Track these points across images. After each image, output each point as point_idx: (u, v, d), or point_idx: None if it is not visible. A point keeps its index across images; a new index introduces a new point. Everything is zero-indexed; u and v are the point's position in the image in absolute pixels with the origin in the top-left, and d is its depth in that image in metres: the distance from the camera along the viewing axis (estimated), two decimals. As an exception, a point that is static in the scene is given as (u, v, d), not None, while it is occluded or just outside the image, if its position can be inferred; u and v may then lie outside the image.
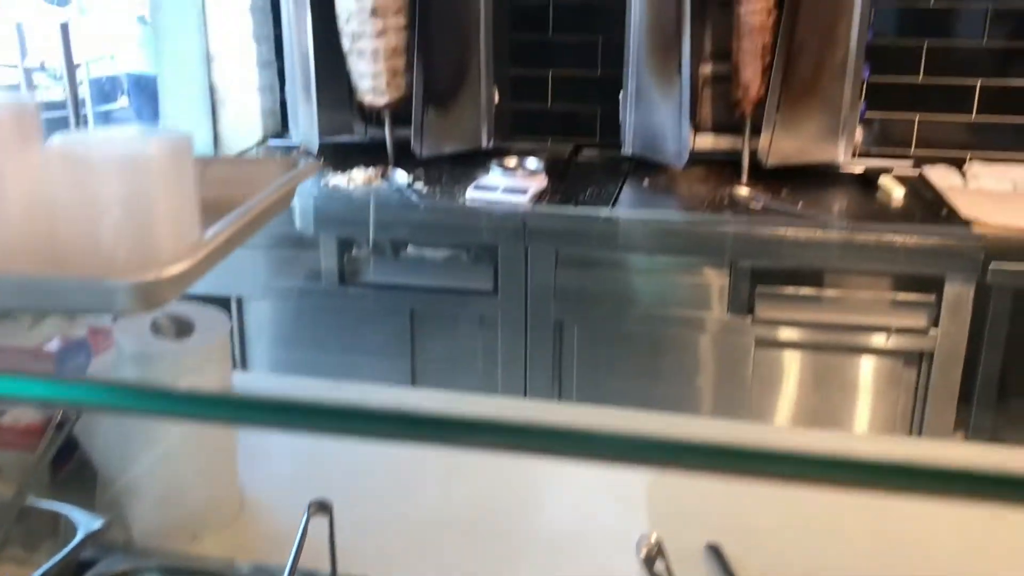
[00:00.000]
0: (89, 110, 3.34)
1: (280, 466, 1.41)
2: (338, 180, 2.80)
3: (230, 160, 0.93)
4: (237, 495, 1.32)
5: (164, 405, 0.56)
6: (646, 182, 2.81)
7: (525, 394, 2.54)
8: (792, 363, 2.45)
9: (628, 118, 2.86)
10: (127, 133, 0.75)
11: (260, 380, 2.13)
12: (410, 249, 2.60)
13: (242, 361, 2.73)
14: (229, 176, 0.80)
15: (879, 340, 2.35)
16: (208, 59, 3.22)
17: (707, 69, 2.97)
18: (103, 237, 0.68)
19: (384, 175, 2.80)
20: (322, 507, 1.09)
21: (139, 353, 1.21)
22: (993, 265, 2.18)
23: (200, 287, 0.73)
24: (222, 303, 2.71)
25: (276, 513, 1.32)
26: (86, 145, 0.70)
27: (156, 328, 1.27)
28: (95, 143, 0.71)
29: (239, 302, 2.71)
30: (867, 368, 2.41)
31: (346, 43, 2.81)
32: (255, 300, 2.70)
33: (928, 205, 2.51)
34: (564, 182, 2.82)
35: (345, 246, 2.62)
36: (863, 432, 2.43)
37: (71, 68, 3.05)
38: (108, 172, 0.67)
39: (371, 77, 2.82)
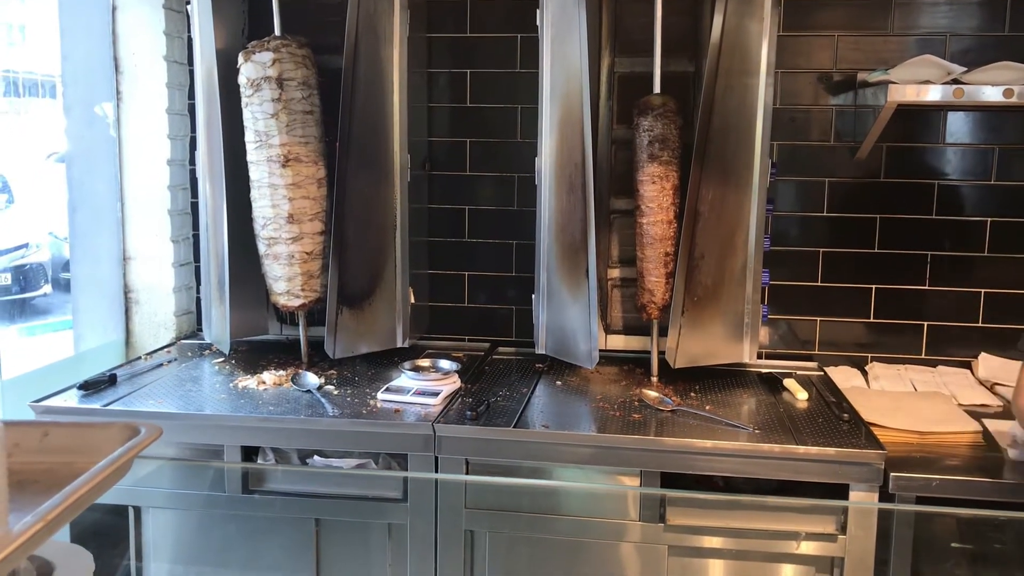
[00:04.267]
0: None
1: None
2: (248, 382, 2.77)
3: (71, 426, 0.90)
4: None
5: None
6: (559, 383, 2.83)
7: (435, 605, 2.45)
8: (706, 571, 2.41)
9: (540, 319, 2.91)
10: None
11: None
12: (317, 456, 2.54)
13: (136, 577, 2.59)
14: (68, 444, 0.78)
15: (790, 546, 2.33)
16: (124, 260, 3.24)
17: (616, 273, 3.07)
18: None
19: (295, 377, 2.78)
20: None
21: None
22: (894, 474, 2.21)
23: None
24: (118, 512, 2.59)
25: None
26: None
27: (14, 573, 1.20)
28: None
29: (137, 512, 2.59)
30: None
31: (262, 247, 2.85)
32: (154, 509, 2.59)
33: (831, 409, 2.56)
34: (478, 383, 2.82)
35: (251, 452, 2.56)
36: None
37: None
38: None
39: (286, 280, 2.84)
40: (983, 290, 3.06)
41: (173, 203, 3.25)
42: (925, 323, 3.09)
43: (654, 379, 2.84)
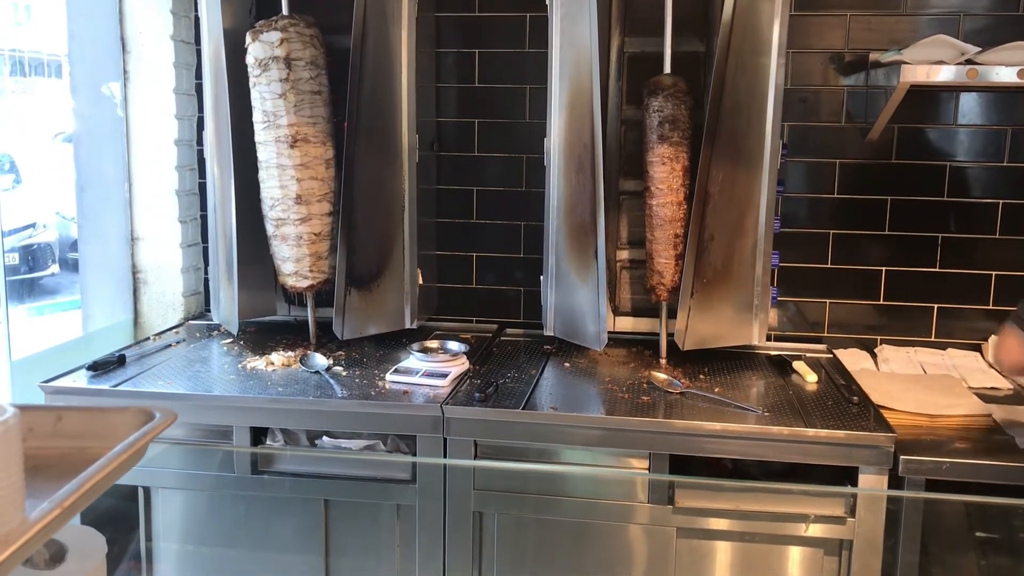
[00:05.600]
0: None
1: None
2: (256, 363, 2.77)
3: (85, 411, 0.90)
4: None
5: None
6: (567, 365, 2.83)
7: (444, 585, 2.46)
8: (715, 553, 2.41)
9: (549, 300, 2.91)
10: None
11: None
12: (326, 437, 2.54)
13: (147, 557, 2.59)
14: (82, 429, 0.77)
15: (799, 529, 2.33)
16: (132, 240, 3.24)
17: (624, 255, 3.06)
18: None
19: (303, 358, 2.78)
20: None
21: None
22: (904, 457, 2.21)
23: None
24: (128, 493, 2.60)
25: None
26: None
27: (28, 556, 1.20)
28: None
29: (147, 492, 2.60)
30: (789, 558, 2.37)
31: (270, 228, 2.84)
32: (164, 490, 2.60)
33: (841, 391, 2.55)
34: (486, 364, 2.82)
35: (260, 433, 2.56)
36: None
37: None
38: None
39: (294, 261, 2.84)
40: (994, 272, 3.04)
41: (181, 183, 3.24)
42: (935, 305, 3.08)
43: (663, 361, 2.83)
